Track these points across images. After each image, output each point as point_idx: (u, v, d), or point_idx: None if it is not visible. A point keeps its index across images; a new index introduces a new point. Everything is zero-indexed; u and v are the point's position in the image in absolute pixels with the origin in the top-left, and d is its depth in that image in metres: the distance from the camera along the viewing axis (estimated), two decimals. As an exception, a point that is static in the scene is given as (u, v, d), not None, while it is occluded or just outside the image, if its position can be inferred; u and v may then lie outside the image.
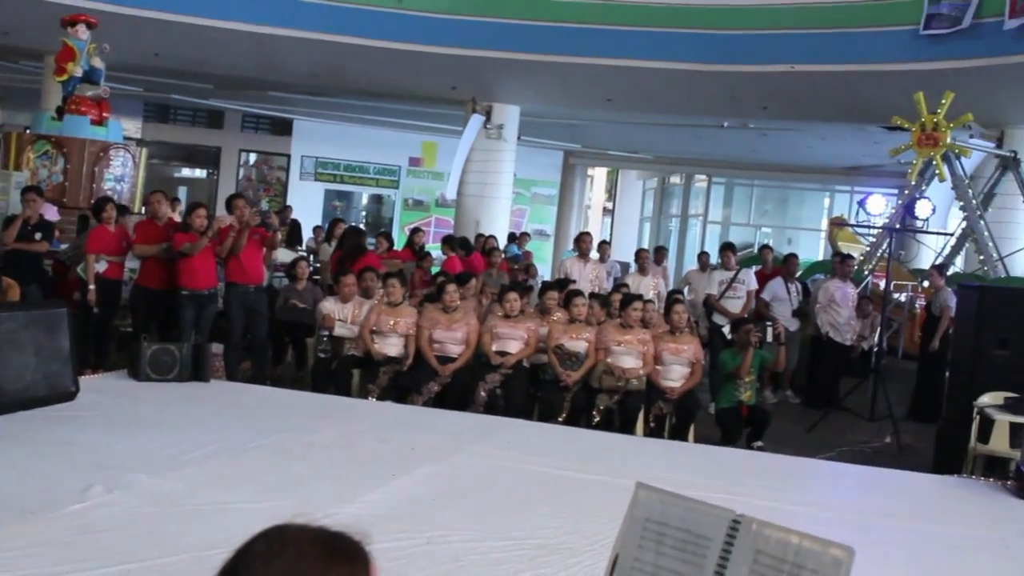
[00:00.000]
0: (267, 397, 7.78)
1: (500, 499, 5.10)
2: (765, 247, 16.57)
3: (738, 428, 9.27)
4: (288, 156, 27.44)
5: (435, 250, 17.21)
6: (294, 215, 20.19)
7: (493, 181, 20.95)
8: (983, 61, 16.34)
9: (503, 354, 8.97)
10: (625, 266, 18.25)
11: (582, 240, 12.92)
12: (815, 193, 33.62)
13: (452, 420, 7.33)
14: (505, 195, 21.47)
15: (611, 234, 32.88)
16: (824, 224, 28.98)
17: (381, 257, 13.34)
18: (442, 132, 25.43)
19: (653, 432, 8.65)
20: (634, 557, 1.93)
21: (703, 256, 13.82)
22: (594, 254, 13.99)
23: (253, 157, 28.24)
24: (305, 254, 15.71)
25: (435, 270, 13.41)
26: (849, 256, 14.19)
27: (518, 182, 24.48)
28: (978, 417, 8.22)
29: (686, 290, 13.32)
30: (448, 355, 9.00)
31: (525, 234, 22.10)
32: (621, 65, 17.69)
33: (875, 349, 12.48)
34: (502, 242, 17.47)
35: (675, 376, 8.98)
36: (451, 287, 9.33)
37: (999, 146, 19.66)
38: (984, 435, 8.24)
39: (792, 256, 13.32)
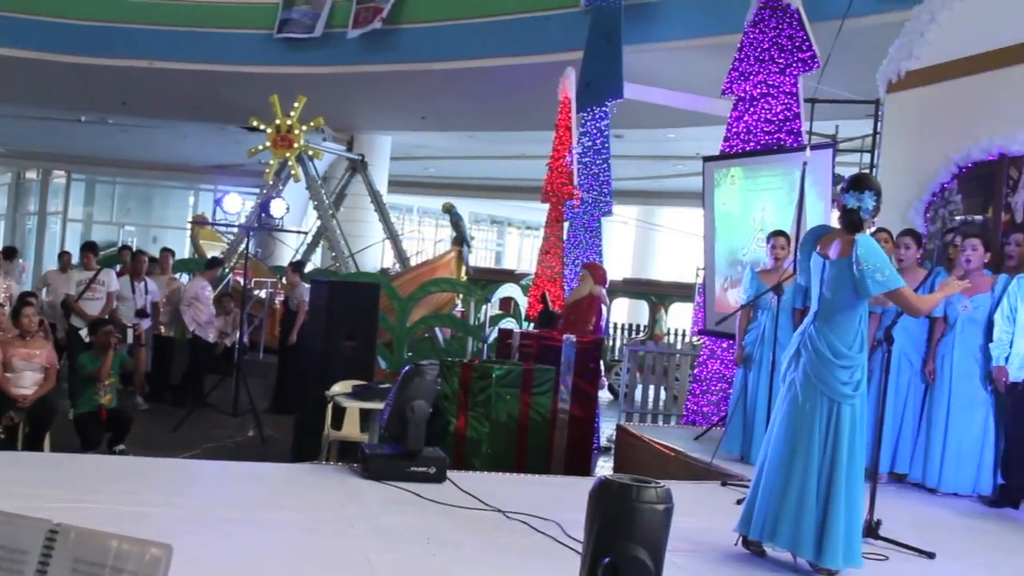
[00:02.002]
0: None
1: None
2: (124, 247, 16.25)
3: (99, 433, 9.02)
4: None
5: None
6: None
7: None
8: (333, 68, 17.26)
9: None
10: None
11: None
12: (180, 191, 33.50)
13: None
14: None
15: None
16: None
17: None
18: None
19: (5, 444, 8.15)
20: (-53, 581, 1.83)
21: (64, 256, 13.21)
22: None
23: None
24: None
25: None
26: (217, 259, 14.42)
27: None
28: (331, 405, 8.70)
29: (44, 291, 12.67)
30: None
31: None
32: (-38, 50, 16.38)
33: (237, 345, 12.72)
34: None
35: (27, 383, 8.52)
36: None
37: (349, 149, 20.89)
38: (337, 422, 8.74)
39: (139, 254, 13.14)
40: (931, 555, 5.59)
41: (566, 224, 13.08)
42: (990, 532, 6.58)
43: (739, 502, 5.74)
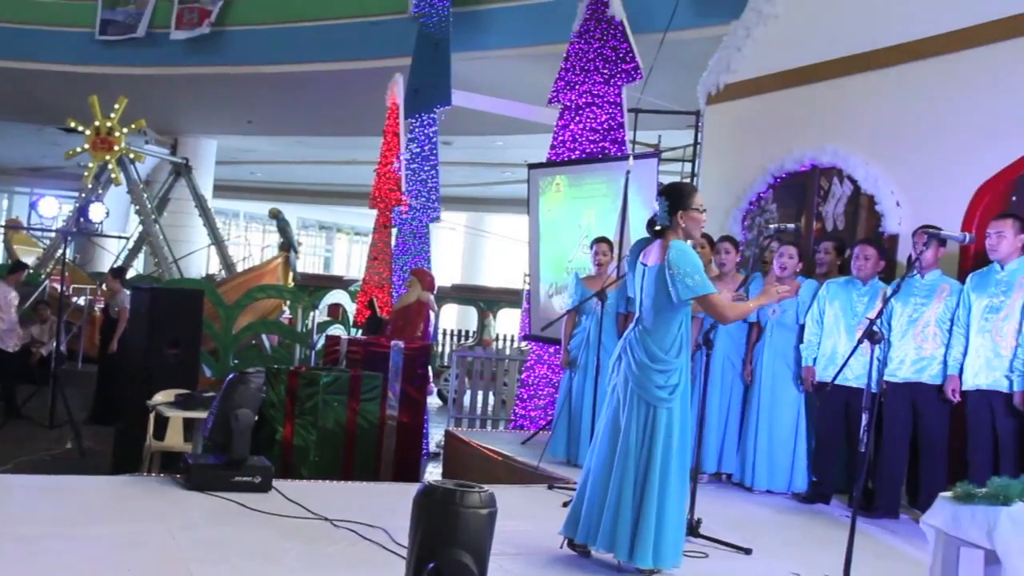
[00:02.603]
0: None
1: None
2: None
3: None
4: None
5: None
6: None
7: None
8: (156, 70, 16.86)
9: None
10: None
11: None
12: (-7, 194, 32.16)
13: None
14: None
15: None
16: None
17: None
18: None
19: None
20: None
21: None
22: None
23: None
24: None
25: None
26: (20, 263, 13.87)
27: None
28: (153, 415, 8.47)
29: None
30: None
31: None
32: None
33: (54, 354, 12.27)
34: None
35: None
36: None
37: (173, 152, 20.43)
38: (159, 432, 8.51)
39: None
40: (748, 551, 5.78)
41: (394, 230, 13.07)
42: (803, 527, 6.84)
43: (566, 504, 5.84)
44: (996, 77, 7.45)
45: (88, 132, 17.23)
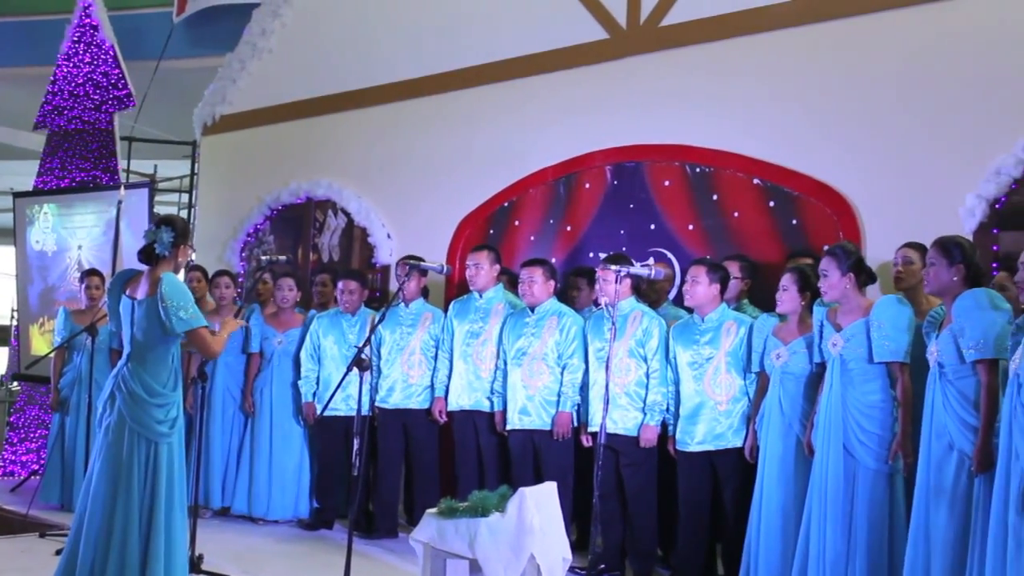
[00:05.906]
0: None
1: None
2: None
3: None
4: None
5: None
6: None
7: None
8: None
9: None
10: None
11: None
12: None
13: None
14: None
15: None
16: None
17: None
18: None
19: None
20: None
21: None
22: None
23: None
24: None
25: None
26: None
27: None
28: None
29: None
30: None
31: None
32: None
33: None
34: None
35: None
36: None
37: None
38: None
39: None
40: (250, 583, 5.80)
41: None
42: (306, 554, 6.93)
43: (59, 552, 5.55)
44: (479, 117, 8.07)
45: None
